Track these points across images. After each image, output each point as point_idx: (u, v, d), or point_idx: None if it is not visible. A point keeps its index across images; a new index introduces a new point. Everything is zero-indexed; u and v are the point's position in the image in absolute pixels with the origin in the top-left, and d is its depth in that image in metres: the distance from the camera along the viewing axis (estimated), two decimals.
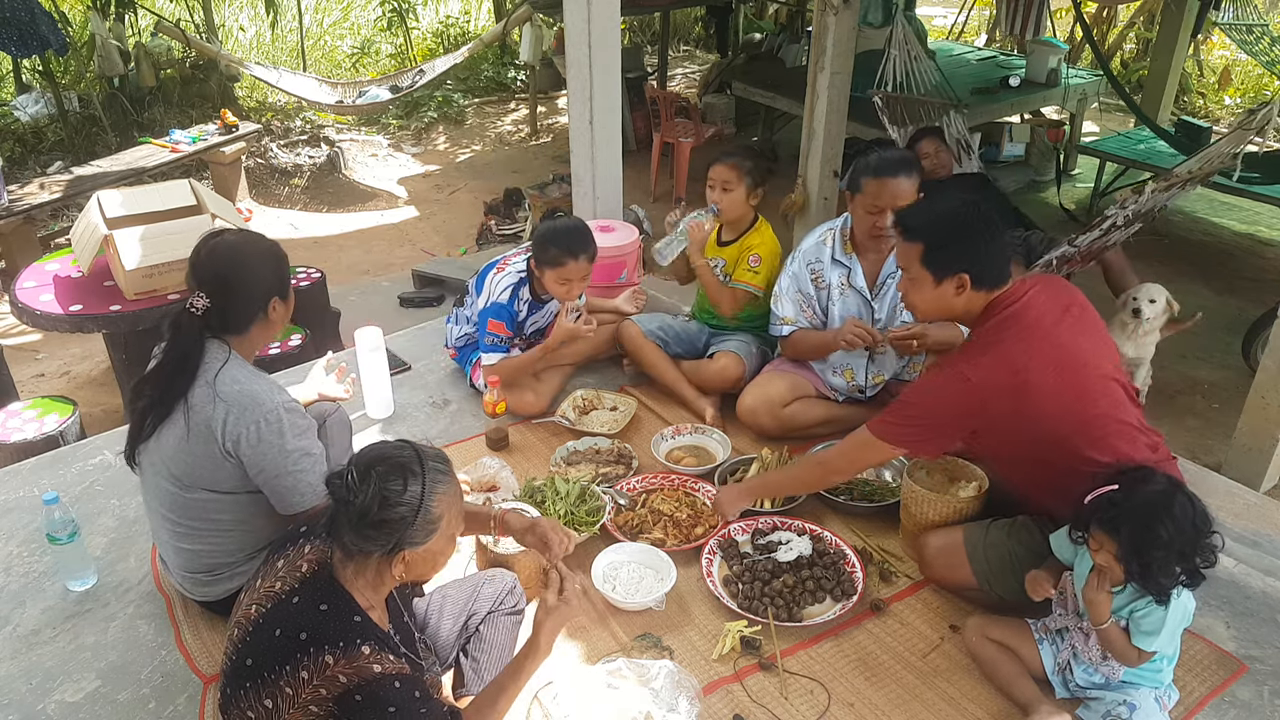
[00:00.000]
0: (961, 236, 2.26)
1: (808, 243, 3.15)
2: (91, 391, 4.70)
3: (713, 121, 7.49)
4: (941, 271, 2.26)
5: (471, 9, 11.23)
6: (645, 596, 2.45)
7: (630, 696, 2.07)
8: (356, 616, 1.63)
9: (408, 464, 1.65)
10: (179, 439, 2.13)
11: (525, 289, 3.29)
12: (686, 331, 3.54)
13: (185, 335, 2.14)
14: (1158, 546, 1.91)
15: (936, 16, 11.36)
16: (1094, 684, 2.11)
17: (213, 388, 2.10)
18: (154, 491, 2.25)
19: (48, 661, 2.37)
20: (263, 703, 1.58)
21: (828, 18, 4.65)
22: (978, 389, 2.19)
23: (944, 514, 2.54)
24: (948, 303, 2.31)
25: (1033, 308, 2.26)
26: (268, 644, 1.61)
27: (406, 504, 1.62)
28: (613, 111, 4.36)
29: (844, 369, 3.18)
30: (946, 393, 2.27)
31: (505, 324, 3.25)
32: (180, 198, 3.96)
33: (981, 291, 2.27)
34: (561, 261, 3.11)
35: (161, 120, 7.49)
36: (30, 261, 4.26)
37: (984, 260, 2.25)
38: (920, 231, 2.29)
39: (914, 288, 2.35)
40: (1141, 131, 6.45)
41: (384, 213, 7.20)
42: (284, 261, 2.28)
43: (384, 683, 1.57)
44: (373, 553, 1.64)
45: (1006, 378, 2.18)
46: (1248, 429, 3.48)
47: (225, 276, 2.15)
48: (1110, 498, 1.98)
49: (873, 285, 3.04)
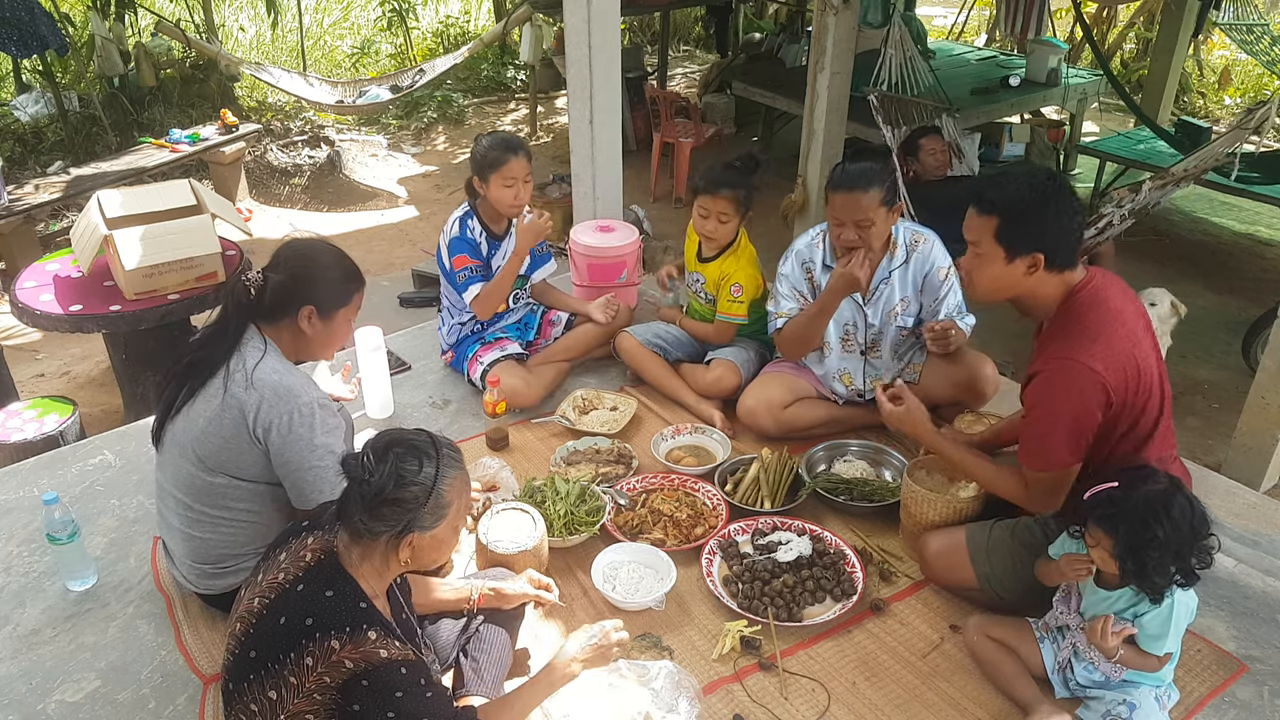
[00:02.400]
0: (1041, 212, 2.14)
1: (800, 243, 3.13)
2: (91, 391, 4.70)
3: (713, 121, 7.49)
4: (1016, 249, 2.16)
5: (471, 9, 11.22)
6: (645, 596, 2.45)
7: (630, 697, 2.07)
8: (362, 603, 1.64)
9: (424, 447, 1.69)
10: (210, 418, 2.16)
11: (472, 220, 3.39)
12: (684, 336, 3.54)
13: (235, 308, 2.22)
14: (1154, 546, 1.90)
15: (936, 16, 11.36)
16: (1094, 683, 2.11)
17: (250, 375, 2.15)
18: (172, 473, 2.26)
19: (48, 661, 2.37)
20: (266, 694, 1.58)
21: (828, 18, 4.66)
22: (1103, 377, 2.08)
23: (944, 514, 2.54)
24: (1013, 282, 2.20)
25: (1112, 298, 2.18)
26: (272, 633, 1.62)
27: (420, 484, 1.65)
28: (613, 111, 4.36)
29: (841, 374, 3.17)
30: (1074, 390, 2.10)
31: (467, 254, 3.33)
32: (180, 198, 3.96)
33: (1052, 273, 2.18)
34: (504, 160, 3.22)
35: (161, 120, 7.48)
36: (30, 261, 4.26)
37: (1060, 239, 2.15)
38: (997, 205, 2.17)
39: (980, 264, 2.23)
40: (1141, 131, 6.45)
41: (384, 213, 7.20)
42: (342, 283, 2.29)
43: (390, 668, 1.58)
44: (382, 534, 1.66)
45: (1125, 366, 2.10)
46: (1248, 429, 3.49)
47: (282, 260, 2.27)
48: (1110, 495, 1.98)
49: (865, 291, 3.02)
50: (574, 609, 2.50)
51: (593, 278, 3.99)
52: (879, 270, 3.00)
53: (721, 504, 2.82)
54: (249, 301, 2.22)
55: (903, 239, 3.01)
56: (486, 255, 3.42)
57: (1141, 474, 2.00)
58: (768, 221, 3.47)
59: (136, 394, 4.04)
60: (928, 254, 3.02)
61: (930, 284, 3.02)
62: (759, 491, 2.84)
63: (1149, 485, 1.96)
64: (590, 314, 3.62)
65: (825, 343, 3.12)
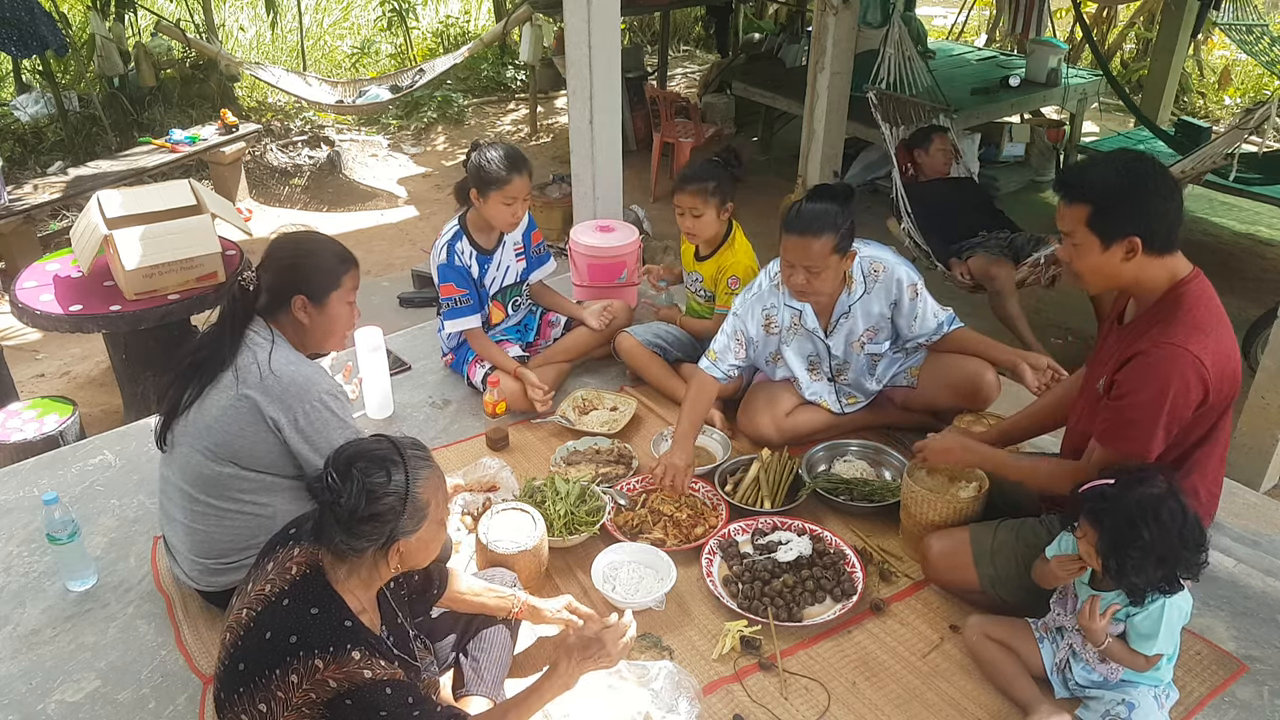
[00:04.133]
0: (1132, 194, 2.05)
1: (764, 279, 3.03)
2: (91, 391, 4.70)
3: (713, 121, 7.48)
4: (1110, 235, 2.07)
5: (471, 9, 11.22)
6: (645, 596, 2.45)
7: (630, 697, 2.07)
8: (348, 621, 1.62)
9: (386, 456, 1.64)
10: (224, 409, 2.18)
11: (461, 242, 3.35)
12: (684, 336, 3.54)
13: (234, 307, 2.23)
14: (1135, 546, 1.89)
15: (936, 16, 11.36)
16: (1093, 683, 2.11)
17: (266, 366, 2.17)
18: (179, 466, 2.27)
19: (48, 661, 2.38)
20: (256, 706, 1.58)
21: (828, 18, 4.66)
22: (1208, 372, 2.02)
23: (944, 514, 2.54)
24: (1115, 269, 2.11)
25: (1217, 298, 2.11)
26: (259, 647, 1.60)
27: (393, 493, 1.62)
28: (613, 111, 4.36)
29: (818, 397, 3.14)
30: (1178, 377, 2.02)
31: (454, 283, 3.30)
32: (180, 198, 3.96)
33: (1152, 256, 2.08)
34: (507, 180, 3.18)
35: (161, 120, 7.48)
36: (30, 261, 4.26)
37: (1155, 219, 2.05)
38: (1085, 191, 2.09)
39: (1079, 254, 2.13)
40: (1141, 132, 6.44)
41: (384, 213, 7.20)
42: (328, 268, 2.29)
43: (374, 688, 1.56)
44: (367, 550, 1.64)
45: (1225, 368, 2.06)
46: (1248, 429, 3.48)
47: (271, 256, 2.30)
48: (1103, 490, 1.97)
49: (826, 324, 2.99)
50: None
51: (593, 278, 3.99)
52: (839, 304, 2.96)
53: (721, 504, 2.82)
54: (246, 300, 2.24)
55: (860, 270, 2.94)
56: (478, 275, 3.39)
57: (1140, 475, 1.99)
58: (768, 221, 3.48)
59: (136, 394, 4.04)
60: (890, 281, 2.94)
61: (902, 307, 2.98)
62: (759, 491, 2.84)
63: (1145, 487, 1.94)
64: (585, 320, 3.61)
65: (792, 375, 3.12)
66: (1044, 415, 2.64)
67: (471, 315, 3.35)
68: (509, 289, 3.52)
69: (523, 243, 3.52)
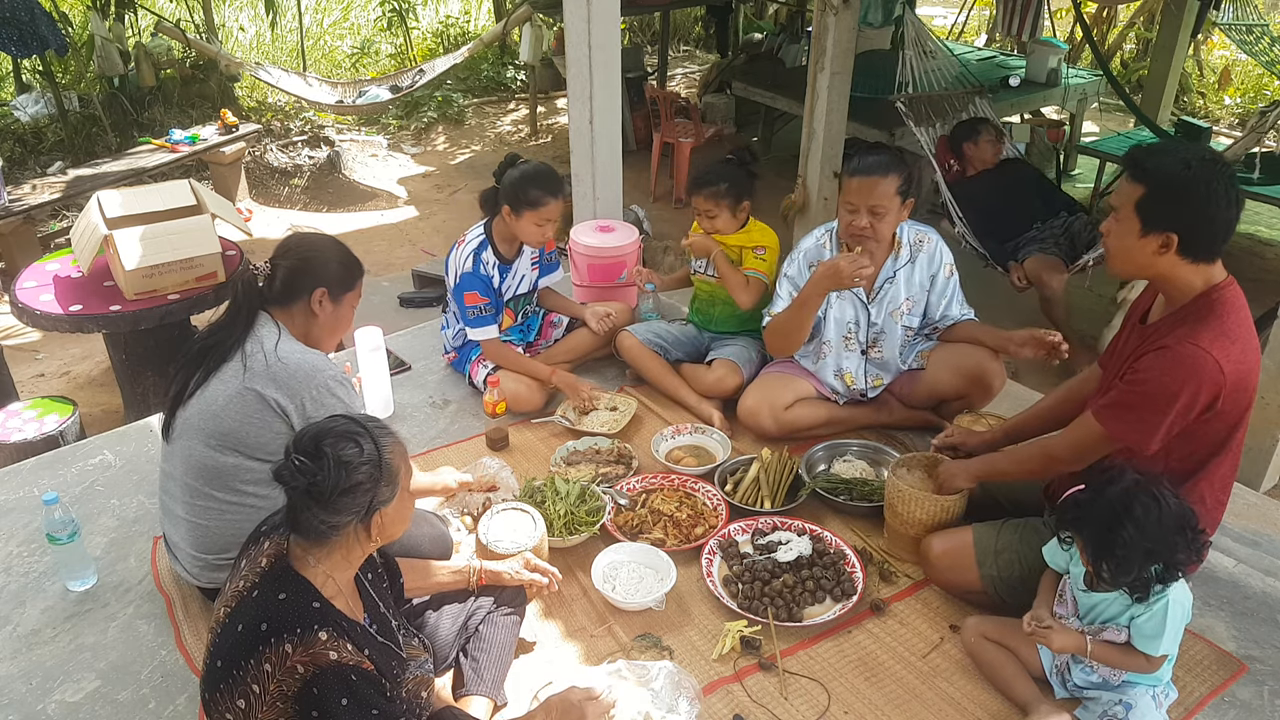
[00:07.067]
0: (1187, 191, 2.01)
1: (807, 243, 3.11)
2: (91, 391, 4.70)
3: (713, 121, 7.49)
4: (1151, 223, 2.04)
5: (471, 9, 11.23)
6: (645, 596, 2.45)
7: (630, 697, 2.07)
8: (315, 603, 1.62)
9: (349, 429, 1.67)
10: (230, 397, 2.20)
11: (486, 251, 3.35)
12: (685, 335, 3.54)
13: (245, 295, 2.27)
14: (1119, 547, 1.88)
15: (936, 17, 11.37)
16: (1092, 684, 2.11)
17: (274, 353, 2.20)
18: (181, 459, 2.27)
19: (48, 661, 2.38)
20: (236, 703, 1.58)
21: (828, 18, 4.65)
22: (1225, 380, 2.01)
23: (931, 513, 2.53)
24: (1144, 259, 2.09)
25: (1246, 307, 2.11)
26: (233, 641, 1.61)
27: (368, 461, 1.64)
28: (613, 111, 4.36)
29: (841, 372, 3.16)
30: (1193, 379, 2.01)
31: (479, 292, 3.30)
32: (180, 198, 3.96)
33: (1186, 260, 2.05)
34: (543, 202, 3.20)
35: (161, 120, 7.49)
36: (30, 261, 4.26)
37: (1199, 227, 2.03)
38: (1147, 173, 2.06)
39: (1118, 231, 2.12)
40: (1141, 132, 6.44)
41: (384, 213, 7.20)
42: (348, 268, 2.38)
43: (338, 671, 1.56)
44: (349, 524, 1.65)
45: (1249, 376, 2.05)
46: (1248, 429, 3.48)
47: (289, 248, 2.34)
48: (1075, 498, 1.97)
49: (869, 290, 3.02)
50: (574, 609, 2.50)
51: (593, 278, 3.99)
52: (884, 269, 3.00)
53: (721, 504, 2.82)
54: (259, 288, 2.28)
55: (907, 238, 3.00)
56: (500, 281, 3.40)
57: (1108, 475, 1.97)
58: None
59: (136, 394, 4.04)
60: (933, 252, 3.02)
61: (939, 282, 3.03)
62: (759, 491, 2.84)
63: (1113, 486, 1.92)
64: (586, 320, 3.62)
65: (825, 341, 3.11)
66: (1050, 413, 2.63)
67: (493, 324, 3.36)
68: (521, 297, 3.53)
69: (538, 252, 3.52)
